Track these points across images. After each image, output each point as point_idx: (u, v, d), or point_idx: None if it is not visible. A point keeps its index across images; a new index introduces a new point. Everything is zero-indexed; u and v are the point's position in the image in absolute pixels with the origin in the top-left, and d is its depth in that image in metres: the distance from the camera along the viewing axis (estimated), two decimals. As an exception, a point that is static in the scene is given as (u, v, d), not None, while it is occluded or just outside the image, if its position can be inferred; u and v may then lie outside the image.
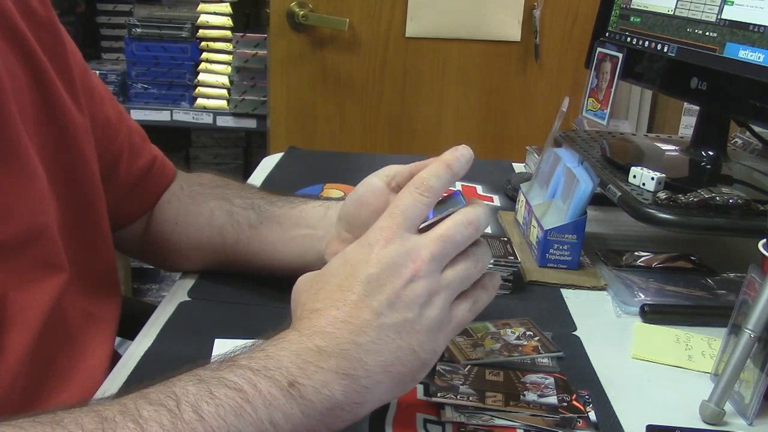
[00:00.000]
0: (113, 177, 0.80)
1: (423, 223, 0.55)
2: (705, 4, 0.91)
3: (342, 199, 0.73)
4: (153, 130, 0.94)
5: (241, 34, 2.12)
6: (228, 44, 2.15)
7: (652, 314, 0.80)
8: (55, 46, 0.70)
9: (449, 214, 0.55)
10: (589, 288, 0.87)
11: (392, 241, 0.52)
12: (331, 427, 0.49)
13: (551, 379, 0.65)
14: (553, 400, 0.62)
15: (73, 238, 0.71)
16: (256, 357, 0.48)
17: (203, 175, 0.90)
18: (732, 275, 0.90)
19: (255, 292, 0.81)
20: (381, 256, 0.51)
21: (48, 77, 0.68)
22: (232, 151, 2.52)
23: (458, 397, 0.61)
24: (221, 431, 0.44)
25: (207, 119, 2.18)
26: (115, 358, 0.74)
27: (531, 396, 0.62)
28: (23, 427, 0.42)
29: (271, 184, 1.19)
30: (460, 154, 0.56)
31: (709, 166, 0.97)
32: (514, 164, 1.37)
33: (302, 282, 0.57)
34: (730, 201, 0.80)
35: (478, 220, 0.55)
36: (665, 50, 0.97)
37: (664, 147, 1.07)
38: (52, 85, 0.69)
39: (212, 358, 0.52)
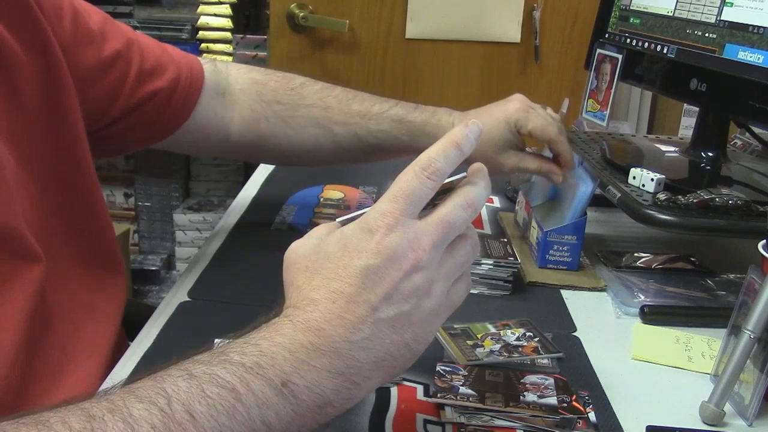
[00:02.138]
0: (135, 99, 0.81)
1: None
2: (704, 5, 0.91)
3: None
4: (153, 131, 0.95)
5: (241, 35, 2.13)
6: (228, 46, 2.15)
7: (651, 315, 0.80)
8: (22, 17, 0.67)
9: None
10: (588, 289, 0.87)
11: (394, 229, 0.49)
12: (319, 421, 0.48)
13: (551, 380, 0.65)
14: (553, 400, 0.62)
15: (55, 224, 0.69)
16: (248, 352, 0.47)
17: (267, 84, 0.94)
18: (732, 276, 0.90)
19: (255, 292, 0.81)
20: (381, 245, 0.49)
21: (13, 59, 0.66)
22: (232, 152, 2.52)
23: (458, 397, 0.61)
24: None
25: (207, 120, 2.18)
26: (122, 349, 0.73)
27: (531, 397, 0.62)
28: (6, 430, 0.41)
29: (271, 184, 1.19)
30: (470, 131, 0.52)
31: (708, 168, 0.97)
32: (514, 165, 1.37)
33: (295, 254, 0.53)
34: (730, 202, 0.80)
35: (477, 200, 0.52)
36: (665, 51, 0.97)
37: (664, 148, 1.07)
38: (19, 68, 0.66)
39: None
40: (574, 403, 0.62)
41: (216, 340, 0.70)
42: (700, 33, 0.91)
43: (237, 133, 0.92)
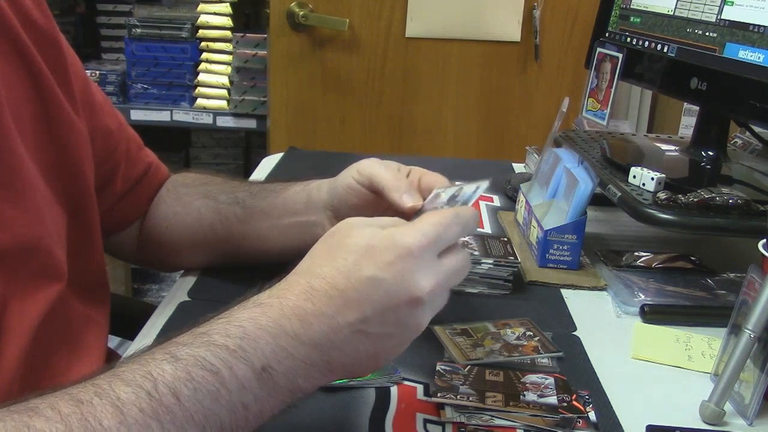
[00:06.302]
0: (110, 186, 0.81)
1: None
2: (705, 4, 0.91)
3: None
4: (153, 130, 0.95)
5: (241, 34, 2.12)
6: (228, 44, 2.15)
7: (652, 314, 0.80)
8: (56, 56, 0.71)
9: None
10: (589, 288, 0.87)
11: (418, 253, 0.52)
12: (287, 403, 0.50)
13: (551, 380, 0.65)
14: (553, 400, 0.62)
15: (69, 246, 0.71)
16: (232, 334, 0.48)
17: (187, 174, 0.91)
18: (732, 275, 0.90)
19: (255, 292, 0.80)
20: (400, 263, 0.51)
21: (49, 87, 0.68)
22: (232, 152, 2.52)
23: (458, 397, 0.61)
24: (198, 415, 0.44)
25: (207, 119, 2.18)
26: (114, 358, 0.74)
27: (531, 396, 0.62)
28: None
29: (271, 185, 1.19)
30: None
31: (709, 167, 0.97)
32: (514, 164, 1.37)
33: (339, 226, 0.55)
34: (730, 201, 0.80)
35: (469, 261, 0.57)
36: (665, 50, 0.97)
37: (664, 147, 1.07)
38: (53, 94, 0.69)
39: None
40: (574, 402, 0.62)
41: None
42: (700, 32, 0.91)
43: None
